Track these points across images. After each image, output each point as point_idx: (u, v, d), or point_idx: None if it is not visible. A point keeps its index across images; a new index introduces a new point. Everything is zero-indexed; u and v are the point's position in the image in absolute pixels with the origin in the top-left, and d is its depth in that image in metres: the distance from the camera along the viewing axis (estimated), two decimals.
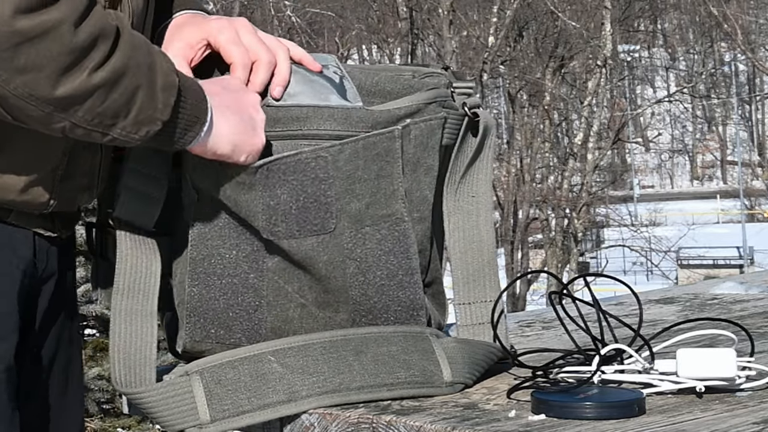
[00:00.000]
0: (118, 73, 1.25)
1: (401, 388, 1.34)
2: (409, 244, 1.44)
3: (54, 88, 1.22)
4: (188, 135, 1.32)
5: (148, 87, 1.27)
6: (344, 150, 1.39)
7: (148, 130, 1.29)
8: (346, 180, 1.39)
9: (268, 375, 1.33)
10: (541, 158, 21.90)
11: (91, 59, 1.23)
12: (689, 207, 36.69)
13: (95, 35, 1.23)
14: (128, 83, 1.26)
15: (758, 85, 44.56)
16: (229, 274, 1.41)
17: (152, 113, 1.28)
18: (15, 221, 1.39)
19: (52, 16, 1.20)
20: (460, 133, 1.49)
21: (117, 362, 1.35)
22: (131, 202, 1.39)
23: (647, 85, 45.38)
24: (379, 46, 23.38)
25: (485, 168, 1.52)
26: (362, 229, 1.41)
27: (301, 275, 1.42)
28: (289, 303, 1.42)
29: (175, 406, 1.31)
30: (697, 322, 1.63)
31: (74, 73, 1.22)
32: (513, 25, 20.97)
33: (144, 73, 1.27)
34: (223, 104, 1.35)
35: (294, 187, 1.38)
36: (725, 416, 1.21)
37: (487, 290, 1.52)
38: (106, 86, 1.24)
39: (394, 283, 1.43)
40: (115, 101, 1.25)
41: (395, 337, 1.40)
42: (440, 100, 1.46)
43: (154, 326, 1.37)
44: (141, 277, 1.38)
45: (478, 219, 1.52)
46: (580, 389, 1.27)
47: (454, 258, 1.52)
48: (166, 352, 1.55)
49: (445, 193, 1.51)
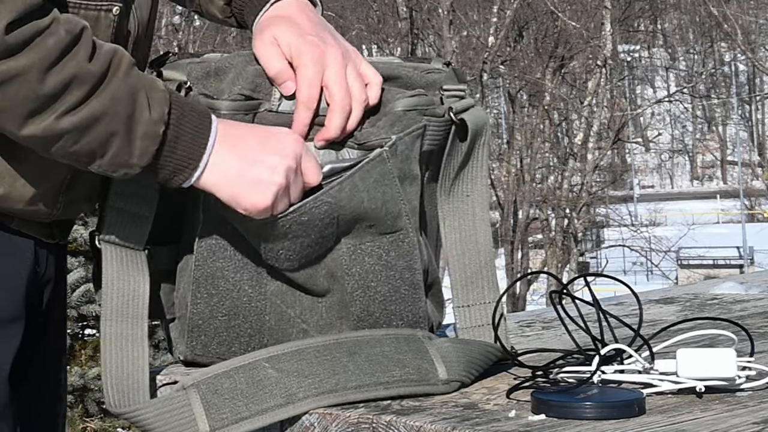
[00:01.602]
0: (91, 119, 1.27)
1: (397, 386, 1.34)
2: (414, 258, 1.43)
3: (20, 129, 1.26)
4: (178, 177, 1.33)
5: (124, 135, 1.28)
6: (344, 188, 1.38)
7: (126, 172, 1.31)
8: (351, 214, 1.39)
9: (264, 380, 1.32)
10: (541, 158, 21.91)
11: (63, 103, 1.25)
12: (689, 207, 36.68)
13: (67, 82, 1.25)
14: (102, 129, 1.27)
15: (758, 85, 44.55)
16: (232, 296, 1.41)
17: (128, 159, 1.29)
18: (18, 228, 1.40)
19: (18, 63, 1.23)
20: (449, 138, 1.47)
21: (110, 387, 1.35)
22: (119, 223, 1.39)
23: (647, 85, 45.36)
24: (379, 46, 23.36)
25: (479, 167, 1.51)
26: (361, 245, 1.41)
27: (302, 298, 1.42)
28: (291, 328, 1.43)
29: (173, 420, 1.30)
30: (697, 322, 1.63)
31: (41, 116, 1.25)
32: (513, 25, 20.98)
33: (121, 122, 1.28)
34: (235, 154, 1.34)
35: (299, 235, 1.38)
36: (725, 416, 1.20)
37: (486, 292, 1.51)
38: (75, 131, 1.27)
39: (397, 297, 1.43)
40: (89, 144, 1.28)
41: (387, 339, 1.39)
42: (421, 108, 1.45)
43: (145, 349, 1.38)
44: (128, 301, 1.38)
45: (474, 219, 1.51)
46: (580, 389, 1.27)
47: (451, 260, 1.52)
48: (166, 352, 1.55)
49: (438, 195, 1.50)
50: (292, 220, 1.36)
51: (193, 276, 1.41)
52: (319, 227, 1.38)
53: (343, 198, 1.38)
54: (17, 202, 1.38)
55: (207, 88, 1.43)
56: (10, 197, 1.37)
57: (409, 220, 1.42)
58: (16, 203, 1.38)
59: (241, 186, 1.33)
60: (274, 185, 1.34)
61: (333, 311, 1.43)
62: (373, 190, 1.40)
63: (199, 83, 1.43)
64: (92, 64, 1.27)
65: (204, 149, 1.32)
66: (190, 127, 1.32)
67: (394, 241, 1.42)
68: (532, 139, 21.58)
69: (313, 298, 1.43)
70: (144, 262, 1.40)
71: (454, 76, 1.51)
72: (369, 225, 1.41)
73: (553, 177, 21.90)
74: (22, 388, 1.44)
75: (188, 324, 1.42)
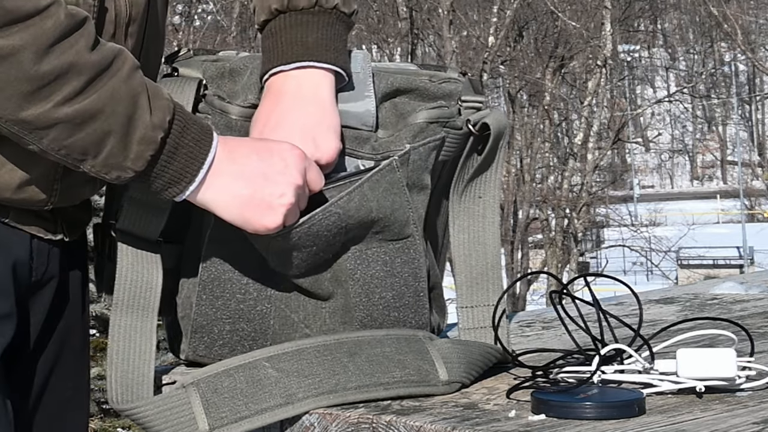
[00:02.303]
0: (87, 114, 1.25)
1: (397, 387, 1.34)
2: (420, 266, 1.43)
3: (18, 111, 1.23)
4: (171, 190, 1.31)
5: (121, 136, 1.26)
6: (352, 198, 1.38)
7: (119, 175, 1.29)
8: (359, 223, 1.39)
9: (264, 380, 1.32)
10: (541, 158, 21.90)
11: (59, 93, 1.23)
12: (689, 207, 36.67)
13: (63, 69, 1.23)
14: (98, 127, 1.25)
15: (758, 85, 44.56)
16: (237, 299, 1.41)
17: (122, 162, 1.27)
18: (13, 222, 1.38)
19: (9, 42, 1.21)
20: (466, 149, 1.47)
21: (114, 380, 1.34)
22: (136, 213, 1.38)
23: (647, 85, 45.37)
24: (379, 46, 23.36)
25: (495, 170, 1.51)
26: (367, 251, 1.41)
27: (306, 303, 1.42)
28: (294, 333, 1.43)
29: (173, 418, 1.30)
30: (697, 322, 1.63)
31: (39, 101, 1.23)
32: (513, 25, 20.97)
33: (119, 122, 1.26)
34: (239, 172, 1.33)
35: (307, 245, 1.38)
36: (725, 416, 1.20)
37: (490, 294, 1.51)
38: (70, 123, 1.24)
39: (401, 304, 1.43)
40: (83, 140, 1.26)
41: (388, 339, 1.39)
42: (442, 120, 1.45)
43: (152, 343, 1.37)
44: (141, 293, 1.38)
45: (485, 221, 1.51)
46: (580, 389, 1.27)
47: (457, 260, 1.51)
48: (167, 352, 1.55)
49: (451, 195, 1.50)
50: (301, 233, 1.36)
51: (199, 278, 1.41)
52: (327, 237, 1.38)
53: (352, 208, 1.38)
54: (5, 189, 1.34)
55: (221, 88, 1.43)
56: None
57: (416, 228, 1.42)
58: (4, 191, 1.35)
59: (251, 209, 1.32)
60: (284, 207, 1.33)
61: (336, 316, 1.43)
62: (382, 199, 1.40)
63: (213, 83, 1.44)
64: (93, 55, 1.25)
65: (202, 164, 1.31)
66: (191, 140, 1.30)
67: (400, 248, 1.42)
68: (532, 139, 21.57)
69: (317, 303, 1.42)
70: (158, 255, 1.39)
71: (470, 87, 1.50)
72: (376, 232, 1.41)
73: (553, 177, 21.89)
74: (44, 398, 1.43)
75: (192, 325, 1.42)
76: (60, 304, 1.47)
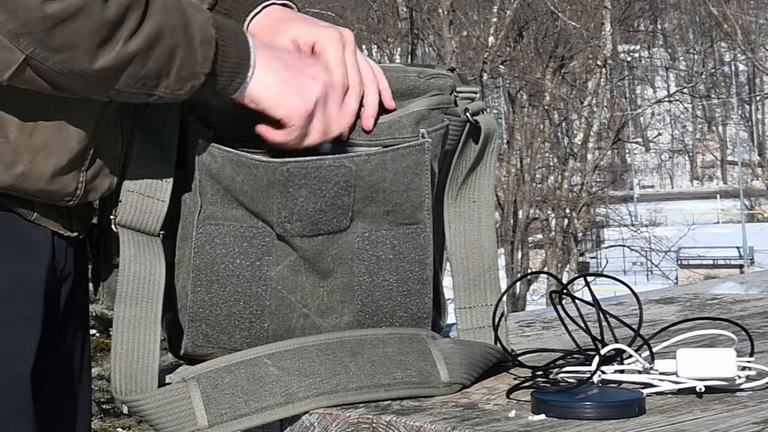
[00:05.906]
0: (153, 37, 1.27)
1: (398, 388, 1.34)
2: (427, 254, 1.43)
3: (92, 63, 1.25)
4: (234, 82, 1.34)
5: (185, 45, 1.29)
6: (370, 161, 1.37)
7: (192, 85, 1.31)
8: (369, 189, 1.38)
9: (265, 378, 1.32)
10: (541, 158, 21.91)
11: (125, 29, 1.26)
12: (689, 207, 36.68)
13: (125, 6, 1.26)
14: (165, 45, 1.28)
15: (758, 85, 44.56)
16: (232, 282, 1.40)
17: (193, 68, 1.30)
18: (37, 220, 1.38)
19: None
20: (461, 140, 1.48)
21: (118, 370, 1.35)
22: (136, 206, 1.39)
23: (647, 85, 45.38)
24: (379, 46, 23.38)
25: (487, 173, 1.52)
26: (377, 232, 1.41)
27: (304, 283, 1.41)
28: (291, 313, 1.42)
29: (173, 412, 1.31)
30: (697, 322, 1.63)
31: (110, 45, 1.25)
32: (513, 25, 20.99)
33: (180, 33, 1.29)
34: (277, 59, 1.37)
35: (313, 191, 1.36)
36: (725, 416, 1.21)
37: (488, 294, 1.52)
38: (142, 52, 1.27)
39: (404, 289, 1.43)
40: (155, 63, 1.28)
41: (391, 338, 1.39)
42: (443, 107, 1.46)
43: (157, 334, 1.37)
44: (145, 284, 1.38)
45: (480, 224, 1.52)
46: (580, 389, 1.27)
47: (455, 263, 1.52)
48: (167, 352, 1.55)
49: (445, 199, 1.50)
50: (310, 167, 1.35)
51: (192, 263, 1.40)
52: (334, 190, 1.37)
53: (366, 169, 1.37)
54: (39, 180, 1.34)
55: None
56: (31, 175, 1.33)
57: (428, 214, 1.42)
58: (38, 181, 1.34)
59: (285, 88, 1.35)
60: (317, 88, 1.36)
61: (335, 295, 1.42)
62: (401, 174, 1.39)
63: None
64: None
65: (249, 49, 1.34)
66: (230, 32, 1.34)
67: (410, 233, 1.42)
68: (532, 139, 21.58)
69: (315, 282, 1.41)
70: (159, 247, 1.39)
71: (459, 81, 1.51)
72: (387, 211, 1.40)
73: (553, 177, 21.90)
74: (45, 390, 1.43)
75: (189, 314, 1.42)
76: (74, 299, 1.48)
